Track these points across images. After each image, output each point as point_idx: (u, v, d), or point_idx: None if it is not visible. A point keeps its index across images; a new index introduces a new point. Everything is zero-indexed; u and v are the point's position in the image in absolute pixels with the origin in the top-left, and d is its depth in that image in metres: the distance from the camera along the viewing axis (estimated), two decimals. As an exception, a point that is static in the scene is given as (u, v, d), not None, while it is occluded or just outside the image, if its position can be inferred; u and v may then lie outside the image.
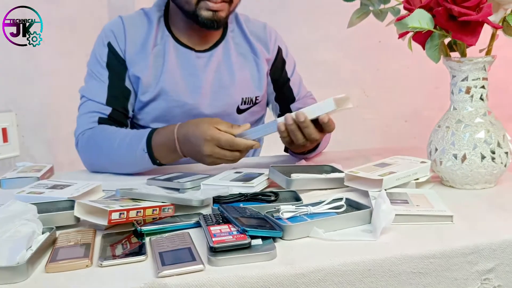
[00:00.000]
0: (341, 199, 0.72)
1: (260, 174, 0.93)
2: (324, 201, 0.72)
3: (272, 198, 0.79)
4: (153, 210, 0.73)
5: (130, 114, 1.17)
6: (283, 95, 1.27)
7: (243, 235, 0.60)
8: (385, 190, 0.78)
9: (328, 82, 1.76)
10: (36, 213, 0.68)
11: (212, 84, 1.17)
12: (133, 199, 0.78)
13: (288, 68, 1.27)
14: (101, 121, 1.13)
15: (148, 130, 1.03)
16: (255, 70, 1.20)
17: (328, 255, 0.59)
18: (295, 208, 0.70)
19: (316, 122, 0.92)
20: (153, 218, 0.73)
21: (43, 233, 0.66)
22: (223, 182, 0.89)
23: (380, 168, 0.84)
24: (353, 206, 0.73)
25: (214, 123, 0.94)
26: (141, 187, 0.81)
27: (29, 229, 0.64)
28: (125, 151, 1.03)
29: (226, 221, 0.67)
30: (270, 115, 1.33)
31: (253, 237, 0.61)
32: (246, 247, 0.59)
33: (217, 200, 0.78)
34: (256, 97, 1.21)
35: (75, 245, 0.63)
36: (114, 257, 0.59)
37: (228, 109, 1.19)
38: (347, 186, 0.85)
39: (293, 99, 1.27)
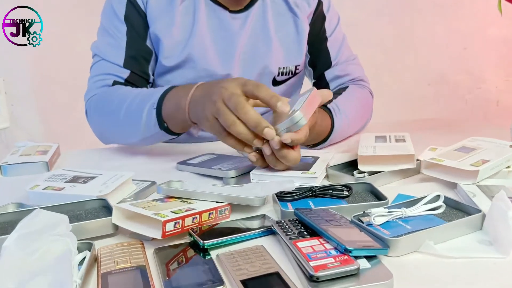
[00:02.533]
0: (438, 196, 0.60)
1: (315, 158, 0.80)
2: (419, 200, 0.59)
3: (345, 193, 0.66)
4: (210, 213, 0.60)
5: (151, 79, 1.00)
6: (318, 58, 1.09)
7: (346, 256, 0.48)
8: (478, 182, 0.67)
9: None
10: (68, 224, 0.54)
11: (246, 51, 1.00)
12: (179, 198, 0.65)
13: (329, 25, 1.08)
14: (116, 85, 0.96)
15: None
16: (295, 33, 1.03)
17: (456, 280, 0.47)
18: (388, 211, 0.57)
19: None
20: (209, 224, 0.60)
21: (78, 250, 0.53)
22: (275, 171, 0.75)
23: (465, 154, 0.72)
24: (451, 205, 0.60)
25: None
26: (186, 183, 0.67)
27: (62, 247, 0.51)
28: (135, 109, 0.86)
29: (309, 231, 0.54)
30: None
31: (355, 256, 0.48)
32: (355, 274, 0.46)
33: (279, 197, 0.65)
34: (296, 67, 1.05)
35: (126, 270, 0.50)
36: (183, 288, 0.46)
37: (262, 80, 1.03)
38: (419, 173, 0.74)
39: (328, 64, 1.08)
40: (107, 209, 0.63)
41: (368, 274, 0.46)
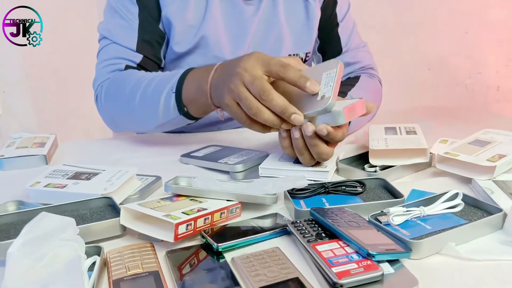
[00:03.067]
0: (456, 194, 0.58)
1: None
2: (437, 198, 0.58)
3: (359, 189, 0.64)
4: (221, 213, 0.58)
5: (163, 63, 0.96)
6: (328, 44, 1.07)
7: (369, 261, 0.46)
8: (495, 178, 0.65)
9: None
10: (76, 228, 0.51)
11: (257, 38, 0.97)
12: (188, 196, 0.62)
13: (340, 10, 1.06)
14: (129, 69, 0.92)
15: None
16: (305, 19, 1.00)
17: (480, 283, 0.45)
18: (406, 211, 0.56)
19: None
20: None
21: (86, 254, 0.50)
22: (285, 165, 0.73)
23: (480, 148, 0.70)
24: (469, 203, 0.59)
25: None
26: (195, 180, 0.64)
27: (71, 252, 0.49)
28: (152, 93, 0.81)
29: (327, 233, 0.52)
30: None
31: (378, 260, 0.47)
32: (379, 280, 0.45)
33: (291, 193, 0.63)
34: (306, 54, 1.02)
35: (138, 276, 0.48)
36: (201, 296, 0.44)
37: None
38: (431, 166, 0.73)
39: (339, 51, 1.07)
40: (113, 208, 0.61)
41: (393, 280, 0.45)
